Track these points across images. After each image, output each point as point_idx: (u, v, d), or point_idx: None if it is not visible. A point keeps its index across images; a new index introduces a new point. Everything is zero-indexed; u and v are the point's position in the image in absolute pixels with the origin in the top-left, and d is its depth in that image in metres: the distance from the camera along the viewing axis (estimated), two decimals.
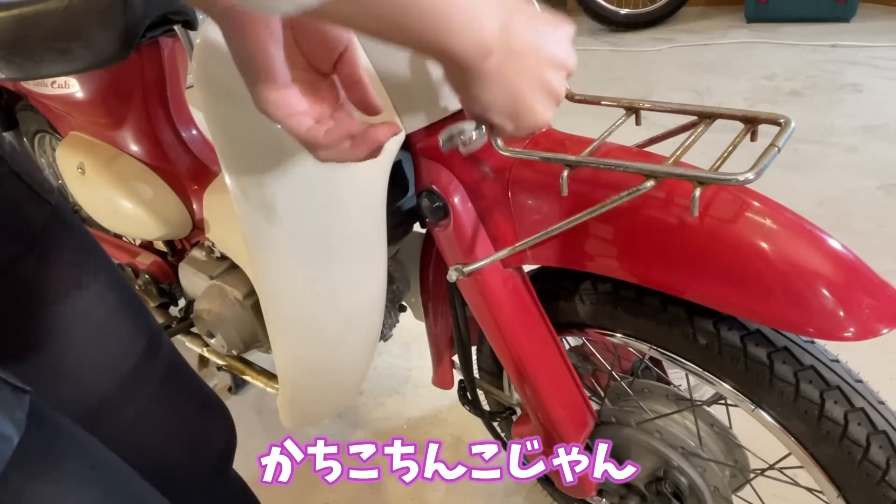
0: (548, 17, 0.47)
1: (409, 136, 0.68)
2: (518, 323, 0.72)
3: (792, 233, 0.53)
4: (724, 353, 0.61)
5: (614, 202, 0.53)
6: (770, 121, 0.53)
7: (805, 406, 0.58)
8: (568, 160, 0.55)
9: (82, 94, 1.06)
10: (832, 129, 2.19)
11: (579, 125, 0.69)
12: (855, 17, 3.15)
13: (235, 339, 1.00)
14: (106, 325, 0.58)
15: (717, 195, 0.55)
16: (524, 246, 0.62)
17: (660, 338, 0.66)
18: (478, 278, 0.69)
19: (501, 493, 1.15)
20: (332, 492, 1.21)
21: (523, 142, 0.64)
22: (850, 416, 0.57)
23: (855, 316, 0.50)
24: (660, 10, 3.54)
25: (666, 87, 2.73)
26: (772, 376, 0.59)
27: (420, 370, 1.46)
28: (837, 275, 0.51)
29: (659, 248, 0.57)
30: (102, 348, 0.58)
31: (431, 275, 0.87)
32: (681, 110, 0.58)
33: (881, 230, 1.66)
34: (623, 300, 0.67)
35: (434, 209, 0.67)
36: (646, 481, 0.80)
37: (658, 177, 0.51)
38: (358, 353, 0.83)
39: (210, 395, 0.71)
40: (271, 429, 1.36)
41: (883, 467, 0.57)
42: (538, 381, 0.74)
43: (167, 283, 1.22)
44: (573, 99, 0.65)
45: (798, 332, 0.52)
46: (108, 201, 1.09)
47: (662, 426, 0.76)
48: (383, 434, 1.31)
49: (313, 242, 0.70)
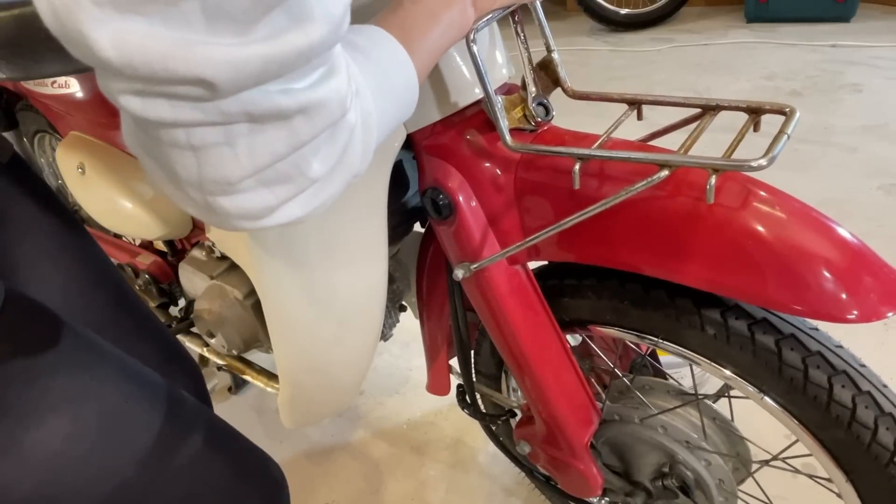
0: None
1: (411, 135, 0.68)
2: (523, 321, 0.71)
3: (799, 219, 0.53)
4: (732, 342, 0.62)
5: (629, 192, 0.53)
6: (775, 111, 0.53)
7: (814, 391, 0.59)
8: (580, 153, 0.55)
9: (82, 94, 1.06)
10: (832, 129, 2.19)
11: (580, 124, 0.69)
12: (855, 17, 3.15)
13: (235, 338, 1.00)
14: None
15: (724, 185, 0.56)
16: (533, 241, 0.61)
17: (667, 330, 0.66)
18: (484, 276, 0.69)
19: (501, 493, 1.15)
20: (332, 492, 1.20)
21: (530, 138, 0.64)
22: (857, 399, 0.58)
23: (859, 299, 0.51)
24: (660, 10, 3.54)
25: (666, 87, 2.73)
26: (780, 363, 0.59)
27: (420, 370, 1.45)
28: (842, 258, 0.51)
29: (669, 238, 0.57)
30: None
31: (428, 276, 0.86)
32: (684, 103, 0.58)
33: (881, 230, 1.66)
34: (629, 294, 0.67)
35: (439, 207, 0.67)
36: (651, 477, 0.80)
37: (672, 166, 0.51)
38: (358, 352, 0.83)
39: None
40: (271, 429, 1.36)
41: (891, 449, 0.57)
42: (544, 380, 0.73)
43: (167, 283, 1.22)
44: (574, 95, 0.65)
45: (803, 315, 0.53)
46: (108, 201, 1.09)
47: (666, 421, 0.76)
48: (383, 434, 1.31)
49: (314, 242, 0.70)
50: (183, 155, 0.34)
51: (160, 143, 0.34)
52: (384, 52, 0.47)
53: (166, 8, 0.27)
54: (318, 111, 0.35)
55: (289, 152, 0.36)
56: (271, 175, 0.36)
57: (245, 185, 0.36)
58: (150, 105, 0.31)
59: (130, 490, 0.51)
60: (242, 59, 0.30)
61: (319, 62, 0.34)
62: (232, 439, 0.63)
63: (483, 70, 0.56)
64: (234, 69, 0.30)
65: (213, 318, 0.99)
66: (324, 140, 0.37)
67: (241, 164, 0.35)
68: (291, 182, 0.37)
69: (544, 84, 0.64)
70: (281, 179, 0.37)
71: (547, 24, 0.62)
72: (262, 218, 0.38)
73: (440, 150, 0.67)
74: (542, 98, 0.63)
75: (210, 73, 0.29)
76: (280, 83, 0.33)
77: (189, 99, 0.31)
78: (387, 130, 0.48)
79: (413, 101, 0.50)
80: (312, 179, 0.38)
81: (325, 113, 0.36)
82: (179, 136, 0.33)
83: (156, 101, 0.31)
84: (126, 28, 0.27)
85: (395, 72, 0.47)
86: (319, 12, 0.31)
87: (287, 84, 0.33)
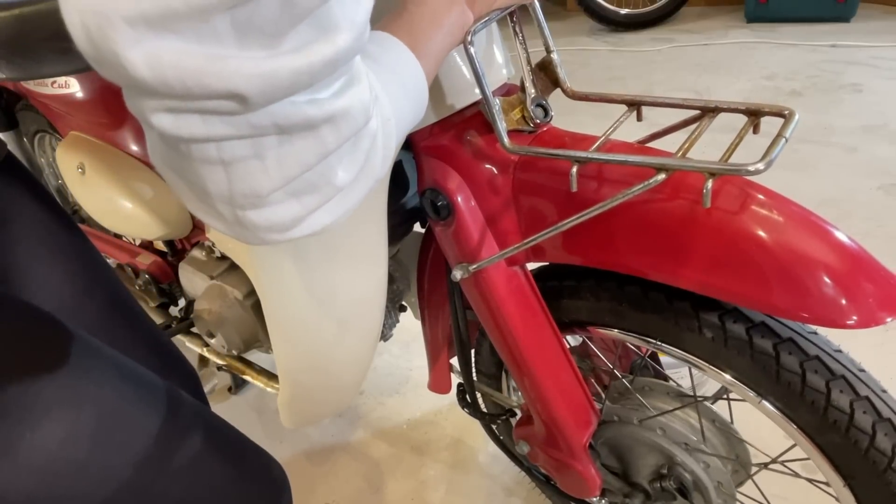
0: None
1: (410, 136, 0.68)
2: (522, 322, 0.71)
3: (797, 223, 0.53)
4: (730, 346, 0.61)
5: (626, 195, 0.53)
6: (774, 113, 0.53)
7: (812, 396, 0.59)
8: (577, 156, 0.55)
9: (82, 94, 1.06)
10: (832, 129, 2.19)
11: (580, 124, 0.69)
12: (855, 17, 3.15)
13: (235, 339, 1.00)
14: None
15: (722, 188, 0.56)
16: (531, 243, 0.61)
17: (665, 333, 0.66)
18: (482, 277, 0.69)
19: (501, 492, 1.15)
20: (332, 492, 1.20)
21: (528, 140, 0.64)
22: (855, 404, 0.57)
23: (858, 304, 0.50)
24: (660, 10, 3.54)
25: (666, 87, 2.73)
26: (778, 367, 0.59)
27: (420, 370, 1.45)
28: (841, 264, 0.51)
29: (667, 241, 0.57)
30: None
31: (428, 276, 0.86)
32: (683, 105, 0.58)
33: (881, 230, 1.66)
34: (628, 296, 0.67)
35: (438, 208, 0.67)
36: (650, 479, 0.80)
37: (669, 169, 0.51)
38: (358, 352, 0.83)
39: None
40: (271, 429, 1.36)
41: (889, 455, 0.57)
42: (542, 380, 0.73)
43: (167, 283, 1.22)
44: (574, 96, 0.65)
45: (802, 321, 0.53)
46: (108, 201, 1.09)
47: (665, 423, 0.76)
48: (383, 434, 1.31)
49: (314, 242, 0.70)
50: (213, 170, 0.34)
51: (190, 160, 0.34)
52: (395, 57, 0.47)
53: (198, 25, 0.27)
54: (343, 119, 0.36)
55: (316, 162, 0.36)
56: (299, 185, 0.37)
57: (274, 198, 0.36)
58: (183, 122, 0.31)
59: (129, 492, 0.51)
60: (273, 72, 0.30)
61: (343, 71, 0.35)
62: (232, 440, 0.63)
63: (480, 72, 0.56)
64: (266, 82, 0.30)
65: (213, 318, 0.99)
66: (348, 148, 0.38)
67: (271, 176, 0.35)
68: (318, 191, 0.38)
69: (543, 85, 0.64)
70: (308, 189, 0.37)
71: (546, 25, 0.62)
72: (292, 229, 0.39)
73: (439, 151, 0.67)
74: (541, 99, 0.63)
75: (243, 87, 0.30)
76: (307, 94, 0.33)
77: (221, 113, 0.31)
78: (403, 134, 0.48)
79: (424, 104, 0.51)
80: (338, 187, 0.39)
81: (351, 121, 0.36)
82: (210, 152, 0.33)
83: (189, 117, 0.31)
84: (159, 46, 0.27)
85: (406, 76, 0.47)
86: (345, 21, 0.32)
87: (313, 94, 0.34)
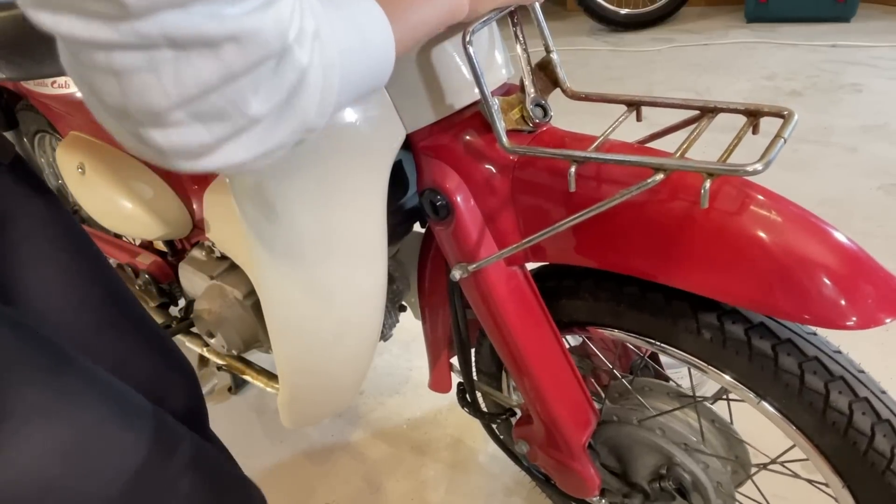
0: None
1: (410, 135, 0.68)
2: (521, 322, 0.71)
3: (796, 224, 0.53)
4: (728, 347, 0.61)
5: (624, 196, 0.53)
6: (773, 113, 0.53)
7: (810, 397, 0.58)
8: (575, 156, 0.55)
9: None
10: (832, 129, 2.19)
11: (580, 123, 0.69)
12: (855, 17, 3.15)
13: (235, 339, 1.00)
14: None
15: (720, 189, 0.55)
16: (530, 243, 0.61)
17: (664, 333, 0.66)
18: (481, 277, 0.69)
19: (501, 493, 1.15)
20: (332, 492, 1.20)
21: (527, 140, 0.64)
22: (854, 405, 0.57)
23: (857, 305, 0.50)
24: (660, 10, 3.55)
25: (666, 87, 2.73)
26: (776, 368, 0.59)
27: (420, 370, 1.45)
28: (840, 265, 0.51)
29: (665, 242, 0.57)
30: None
31: (429, 276, 0.86)
32: (683, 105, 0.58)
33: (881, 230, 1.66)
34: (626, 296, 0.67)
35: (437, 207, 0.67)
36: (649, 479, 0.80)
37: (667, 170, 0.51)
38: (358, 352, 0.83)
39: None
40: (271, 429, 1.36)
41: (888, 456, 0.57)
42: (541, 380, 0.74)
43: (167, 283, 1.22)
44: (573, 96, 0.65)
45: (801, 322, 0.53)
46: (108, 201, 1.09)
47: (664, 423, 0.76)
48: (383, 434, 1.31)
49: (314, 242, 0.70)
50: (106, 80, 0.32)
51: (83, 66, 0.32)
52: (361, 10, 0.44)
53: None
54: (251, 41, 0.33)
55: (219, 84, 0.34)
56: (204, 109, 0.34)
57: (175, 118, 0.34)
58: (62, 20, 0.29)
59: None
60: None
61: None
62: (216, 472, 0.62)
63: (479, 72, 0.56)
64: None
65: (213, 318, 0.99)
66: (265, 76, 0.35)
67: (167, 92, 0.33)
68: (228, 119, 0.35)
69: (543, 85, 0.64)
70: (216, 115, 0.35)
71: (546, 25, 0.62)
72: (200, 157, 0.37)
73: (438, 151, 0.67)
74: (541, 99, 0.63)
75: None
76: (207, 6, 0.31)
77: (101, 17, 0.29)
78: (354, 92, 0.44)
79: (387, 69, 0.47)
80: (253, 118, 0.36)
81: (260, 43, 0.33)
82: (99, 58, 0.31)
83: (68, 16, 0.29)
84: None
85: (369, 31, 0.44)
86: None
87: (216, 8, 0.31)
